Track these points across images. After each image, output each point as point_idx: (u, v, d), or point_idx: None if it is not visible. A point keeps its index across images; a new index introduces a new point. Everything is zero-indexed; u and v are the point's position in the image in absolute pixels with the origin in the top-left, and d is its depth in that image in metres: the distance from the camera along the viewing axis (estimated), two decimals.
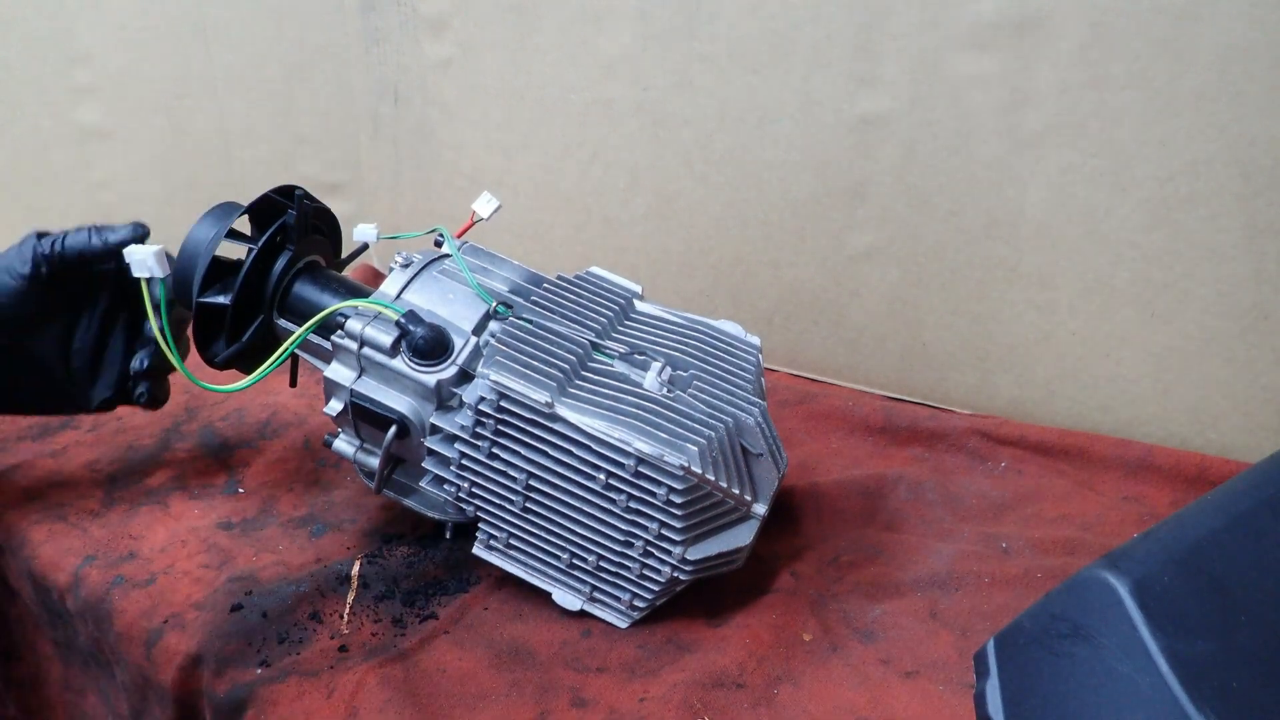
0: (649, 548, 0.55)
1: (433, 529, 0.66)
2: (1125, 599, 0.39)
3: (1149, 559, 0.40)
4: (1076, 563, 0.59)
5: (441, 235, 0.61)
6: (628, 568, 0.56)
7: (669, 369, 0.58)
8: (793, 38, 0.75)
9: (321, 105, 1.00)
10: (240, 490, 0.72)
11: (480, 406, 0.54)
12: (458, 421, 0.55)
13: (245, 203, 0.60)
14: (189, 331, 0.62)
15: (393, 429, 0.57)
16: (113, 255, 0.63)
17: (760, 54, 0.76)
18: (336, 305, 0.58)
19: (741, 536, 0.56)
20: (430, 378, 0.56)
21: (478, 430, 0.55)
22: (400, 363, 0.56)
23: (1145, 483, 0.69)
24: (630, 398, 0.54)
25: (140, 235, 0.63)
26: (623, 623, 0.58)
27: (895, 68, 0.72)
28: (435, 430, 0.56)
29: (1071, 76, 0.66)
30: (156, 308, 0.58)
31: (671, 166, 0.84)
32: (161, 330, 0.57)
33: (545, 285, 0.61)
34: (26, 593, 0.69)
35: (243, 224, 0.61)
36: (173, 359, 0.58)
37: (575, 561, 0.57)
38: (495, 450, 0.55)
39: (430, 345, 0.55)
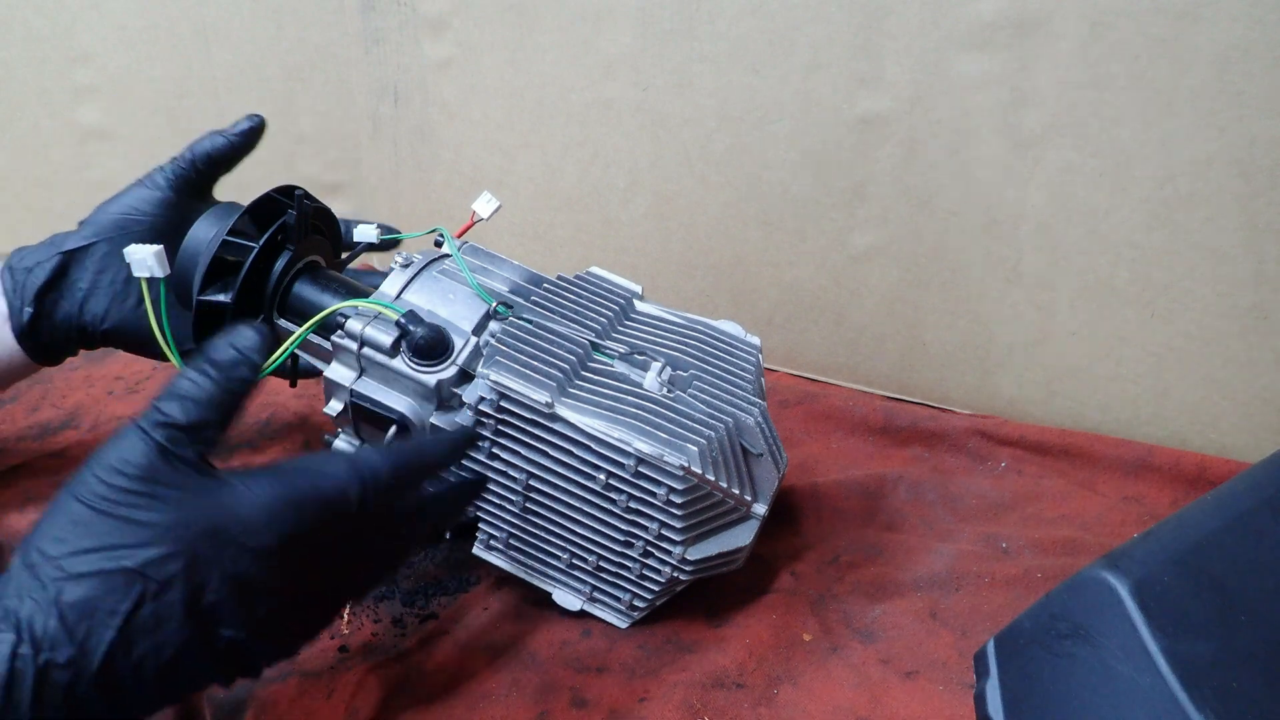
0: (649, 548, 0.55)
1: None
2: (1125, 599, 0.39)
3: (1149, 559, 0.40)
4: (1076, 563, 0.59)
5: (441, 235, 0.61)
6: (628, 568, 0.56)
7: (669, 369, 0.58)
8: (793, 38, 0.75)
9: (321, 105, 1.00)
10: None
11: (480, 406, 0.54)
12: (458, 422, 0.55)
13: (245, 202, 0.60)
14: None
15: (393, 429, 0.57)
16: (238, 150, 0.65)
17: (760, 54, 0.76)
18: (336, 305, 0.58)
19: (741, 536, 0.56)
20: (430, 378, 0.56)
21: (478, 430, 0.55)
22: (400, 363, 0.56)
23: (1145, 483, 0.69)
24: (630, 398, 0.54)
25: (258, 125, 0.66)
26: (623, 623, 0.58)
27: (895, 68, 0.72)
28: (435, 430, 0.56)
29: (1071, 76, 0.66)
30: (156, 307, 0.58)
31: (671, 166, 0.84)
32: (162, 330, 0.57)
33: (545, 285, 0.61)
34: None
35: (242, 224, 0.61)
36: (173, 358, 0.58)
37: (575, 562, 0.57)
38: (495, 450, 0.55)
39: (430, 345, 0.55)
